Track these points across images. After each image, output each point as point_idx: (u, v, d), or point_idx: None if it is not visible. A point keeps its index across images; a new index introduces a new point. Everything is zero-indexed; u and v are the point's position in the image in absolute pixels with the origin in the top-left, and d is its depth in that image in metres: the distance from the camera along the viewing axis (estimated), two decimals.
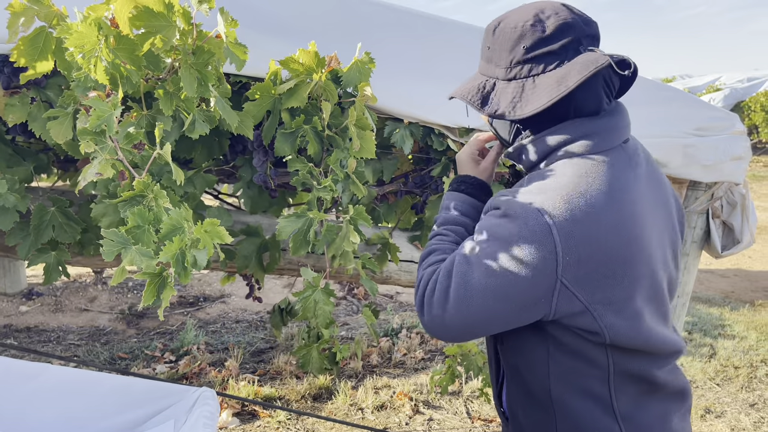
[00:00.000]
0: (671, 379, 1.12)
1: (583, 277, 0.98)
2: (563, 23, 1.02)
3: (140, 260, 0.97)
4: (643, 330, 1.04)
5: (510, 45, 1.05)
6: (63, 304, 4.56)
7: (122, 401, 1.24)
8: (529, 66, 1.04)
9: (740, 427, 3.21)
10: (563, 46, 1.02)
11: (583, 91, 1.03)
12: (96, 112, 0.99)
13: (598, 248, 0.97)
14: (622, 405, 1.07)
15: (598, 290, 0.99)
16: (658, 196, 1.12)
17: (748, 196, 2.08)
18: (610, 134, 1.05)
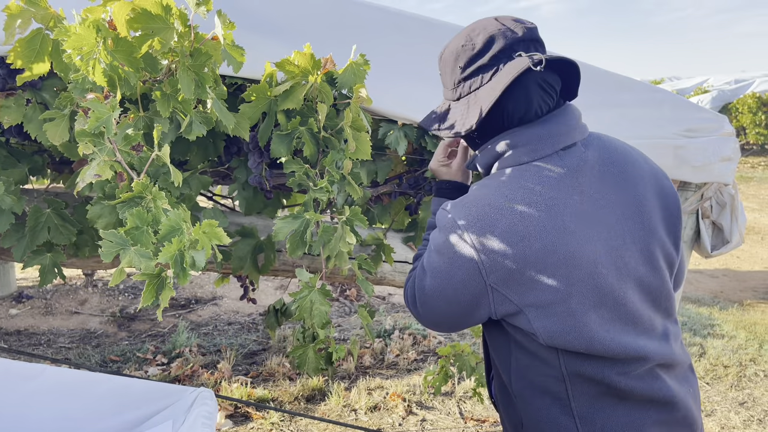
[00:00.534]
0: (639, 386, 1.09)
1: (509, 280, 1.04)
2: (489, 36, 1.08)
3: (139, 261, 0.98)
4: (585, 334, 1.05)
5: (450, 68, 1.14)
6: (53, 306, 4.53)
7: (120, 402, 1.24)
8: (468, 83, 1.12)
9: (730, 425, 3.25)
10: (493, 57, 1.08)
11: (511, 99, 1.08)
12: (95, 114, 0.99)
13: (513, 256, 1.03)
14: (579, 406, 1.09)
15: (527, 293, 1.04)
16: (616, 198, 1.11)
17: (737, 196, 2.11)
18: (542, 143, 1.09)
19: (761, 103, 14.13)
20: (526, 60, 1.04)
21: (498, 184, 1.09)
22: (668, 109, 1.95)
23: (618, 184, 1.13)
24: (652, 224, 1.14)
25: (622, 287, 1.08)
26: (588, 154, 1.12)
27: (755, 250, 7.10)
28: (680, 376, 1.16)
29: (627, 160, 1.17)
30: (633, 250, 1.11)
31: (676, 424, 1.13)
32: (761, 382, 3.75)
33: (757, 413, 3.37)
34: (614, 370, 1.08)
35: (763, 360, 4.06)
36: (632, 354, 1.08)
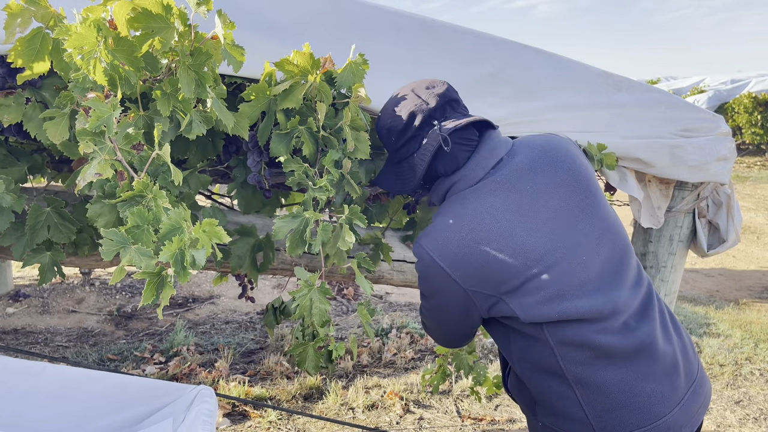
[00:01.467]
0: (619, 340, 1.23)
1: (480, 280, 1.24)
2: (410, 113, 1.32)
3: (139, 260, 0.98)
4: (555, 303, 1.22)
5: (386, 140, 1.40)
6: (50, 305, 4.53)
7: (120, 399, 1.24)
8: (403, 150, 1.36)
9: (726, 423, 3.26)
10: (417, 129, 1.32)
11: (440, 161, 1.33)
12: (95, 113, 0.99)
13: (476, 261, 1.22)
14: (572, 373, 1.24)
15: (499, 285, 1.23)
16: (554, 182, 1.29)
17: (733, 196, 2.13)
18: (473, 172, 1.31)
19: (757, 103, 14.17)
20: (437, 140, 1.29)
21: (448, 210, 1.30)
22: (665, 109, 1.97)
23: (552, 170, 1.30)
24: (594, 189, 1.33)
25: (581, 255, 1.25)
26: (516, 160, 1.31)
27: (751, 250, 7.12)
28: (661, 326, 1.30)
29: (552, 148, 1.34)
30: (584, 218, 1.28)
31: (666, 371, 1.26)
32: (757, 381, 3.77)
33: (752, 412, 3.39)
34: (592, 329, 1.22)
35: (758, 359, 4.08)
36: (604, 310, 1.23)
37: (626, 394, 1.23)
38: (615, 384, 1.23)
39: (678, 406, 1.25)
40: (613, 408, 1.23)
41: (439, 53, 1.77)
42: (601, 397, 1.23)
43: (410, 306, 4.97)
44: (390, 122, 1.36)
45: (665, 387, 1.25)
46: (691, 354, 1.34)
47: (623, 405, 1.22)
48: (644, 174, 2.04)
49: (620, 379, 1.23)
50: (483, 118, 1.35)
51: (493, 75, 1.79)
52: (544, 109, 1.84)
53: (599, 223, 1.30)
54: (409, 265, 2.05)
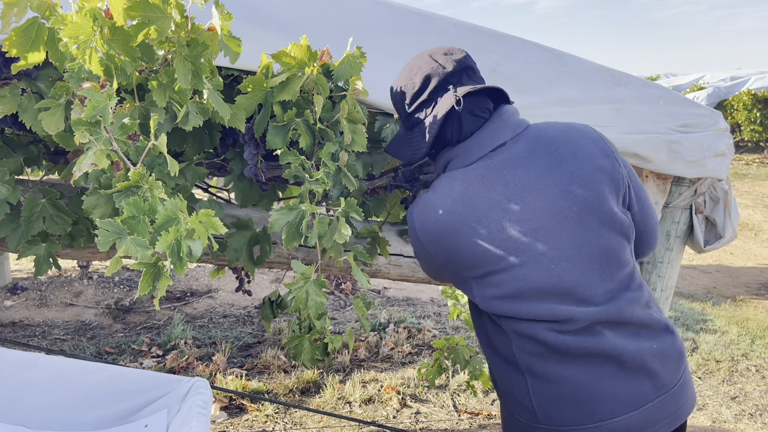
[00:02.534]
0: (576, 343, 1.20)
1: (450, 259, 1.27)
2: (426, 75, 1.30)
3: (135, 250, 0.98)
4: (512, 302, 1.22)
5: (400, 104, 1.37)
6: (48, 298, 4.52)
7: (116, 391, 1.24)
8: (416, 116, 1.33)
9: (721, 419, 3.27)
10: (431, 93, 1.30)
11: (447, 126, 1.31)
12: (91, 103, 0.99)
13: (450, 245, 1.25)
14: (525, 363, 1.25)
15: (467, 270, 1.26)
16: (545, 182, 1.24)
17: (731, 192, 2.12)
18: (470, 151, 1.29)
19: (756, 101, 14.16)
20: (451, 100, 1.26)
21: (436, 187, 1.31)
22: (663, 105, 1.96)
23: (547, 168, 1.25)
24: (593, 197, 1.24)
25: (549, 262, 1.21)
26: (515, 149, 1.27)
27: (748, 246, 7.13)
28: (636, 334, 1.24)
29: (561, 143, 1.28)
30: (564, 227, 1.22)
31: (627, 375, 1.21)
32: (753, 377, 3.78)
33: (748, 408, 3.40)
34: (545, 328, 1.21)
35: (754, 355, 4.09)
36: (559, 316, 1.20)
37: (575, 390, 1.20)
38: (565, 379, 1.21)
39: (636, 410, 1.20)
40: (559, 401, 1.21)
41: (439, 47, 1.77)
42: (549, 389, 1.22)
43: (408, 301, 4.97)
44: (404, 84, 1.34)
45: (620, 390, 1.20)
46: (670, 365, 1.27)
47: (569, 400, 1.20)
48: (642, 169, 2.03)
49: (571, 374, 1.21)
50: (499, 87, 1.32)
51: (493, 69, 1.78)
52: (544, 103, 1.84)
53: (584, 232, 1.22)
54: (405, 259, 2.05)
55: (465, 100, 1.27)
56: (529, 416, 1.26)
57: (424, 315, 4.63)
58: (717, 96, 15.22)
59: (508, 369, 1.29)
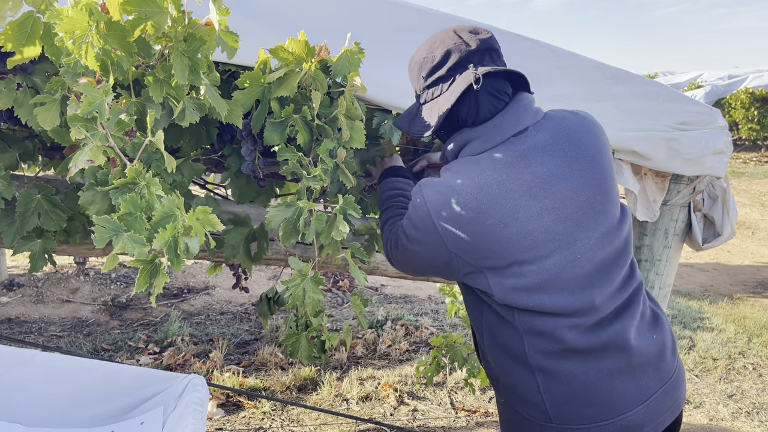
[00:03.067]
0: (591, 339, 1.21)
1: (467, 249, 1.21)
2: (447, 50, 1.25)
3: (132, 247, 0.97)
4: (535, 294, 1.20)
5: (416, 76, 1.33)
6: (44, 295, 4.51)
7: (111, 388, 1.24)
8: (431, 91, 1.30)
9: (718, 417, 3.28)
10: (450, 69, 1.25)
11: (463, 107, 1.26)
12: (87, 99, 0.98)
13: (469, 230, 1.19)
14: (536, 361, 1.23)
15: (484, 259, 1.21)
16: (571, 172, 1.23)
17: (729, 190, 2.12)
18: (492, 134, 1.25)
19: (754, 99, 14.17)
20: (470, 77, 1.21)
21: (458, 170, 1.24)
22: (662, 102, 1.96)
23: (572, 157, 1.24)
24: (612, 188, 1.28)
25: (575, 251, 1.21)
26: (539, 137, 1.25)
27: (746, 245, 7.15)
28: (639, 326, 1.27)
29: (582, 133, 1.28)
30: (590, 216, 1.23)
31: (634, 370, 1.23)
32: (749, 375, 3.79)
33: (745, 406, 3.41)
34: (564, 324, 1.21)
35: (751, 353, 4.10)
36: (581, 308, 1.20)
37: (587, 387, 1.21)
38: (577, 376, 1.21)
39: (642, 405, 1.23)
40: (572, 399, 1.21)
41: None
42: (561, 387, 1.22)
43: (405, 298, 4.97)
44: (424, 57, 1.29)
45: (629, 385, 1.23)
46: (668, 356, 1.30)
47: (582, 398, 1.21)
48: (640, 167, 2.03)
49: (583, 372, 1.21)
50: (521, 73, 1.27)
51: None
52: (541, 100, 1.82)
53: (604, 223, 1.24)
54: None
55: (484, 80, 1.22)
56: (540, 415, 1.24)
57: (422, 312, 4.63)
58: (715, 94, 15.24)
59: (516, 367, 1.26)
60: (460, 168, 1.24)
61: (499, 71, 1.24)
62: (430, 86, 1.29)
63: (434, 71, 1.27)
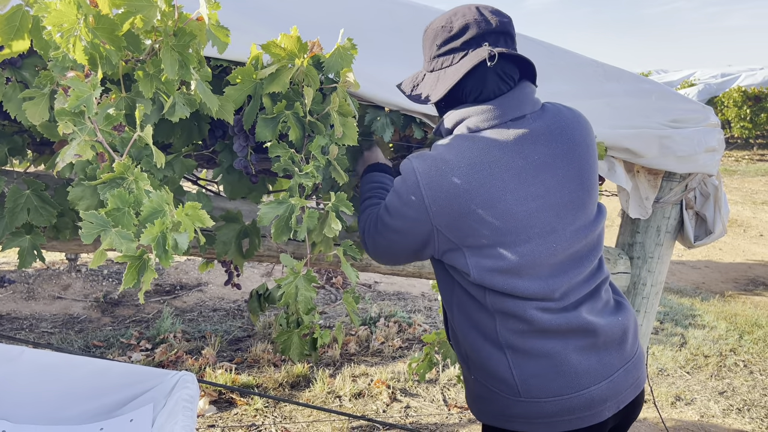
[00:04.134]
0: (558, 321, 1.27)
1: (452, 225, 1.23)
2: (466, 23, 1.26)
3: (120, 243, 0.96)
4: (509, 278, 1.24)
5: (429, 43, 1.32)
6: (36, 291, 4.49)
7: (101, 385, 1.23)
8: (441, 59, 1.30)
9: (709, 414, 3.30)
10: (465, 42, 1.26)
11: (470, 82, 1.28)
12: (75, 93, 0.97)
13: (457, 206, 1.21)
14: (506, 339, 1.28)
15: (467, 237, 1.24)
16: (560, 163, 1.28)
17: (721, 187, 2.13)
18: (491, 114, 1.26)
19: (746, 97, 14.24)
20: (484, 53, 1.22)
21: (452, 145, 1.26)
22: (655, 100, 1.96)
23: (564, 151, 1.28)
24: (593, 184, 1.33)
25: (552, 239, 1.26)
26: (536, 124, 1.28)
27: (737, 243, 7.18)
28: (603, 310, 1.35)
29: (575, 128, 1.32)
30: (570, 209, 1.29)
31: (597, 348, 1.31)
32: (741, 372, 3.81)
33: (736, 402, 3.43)
34: (533, 306, 1.26)
35: (743, 350, 4.12)
36: (550, 294, 1.26)
37: (554, 363, 1.27)
38: (545, 353, 1.27)
39: (606, 380, 1.29)
40: (539, 374, 1.27)
41: None
42: (530, 363, 1.27)
43: (399, 295, 4.97)
44: (441, 26, 1.29)
45: (594, 362, 1.29)
46: (630, 338, 1.38)
47: (550, 373, 1.27)
48: (633, 164, 2.03)
49: (550, 348, 1.27)
50: (532, 62, 1.30)
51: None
52: None
53: (582, 217, 1.30)
54: None
55: (497, 61, 1.24)
56: (509, 390, 1.29)
57: (415, 309, 4.63)
58: (707, 93, 15.30)
59: (486, 345, 1.30)
60: (454, 143, 1.26)
61: (512, 55, 1.26)
62: (441, 55, 1.30)
63: (449, 41, 1.28)
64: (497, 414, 1.33)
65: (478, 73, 1.27)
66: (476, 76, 1.27)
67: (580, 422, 1.28)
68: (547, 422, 1.28)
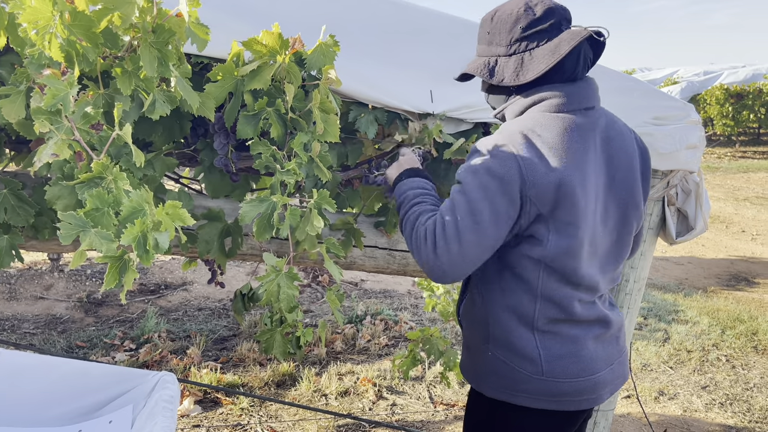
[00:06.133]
0: (587, 312, 1.38)
1: (540, 195, 1.24)
2: (549, 8, 1.31)
3: (100, 243, 0.95)
4: (576, 261, 1.31)
5: (509, 27, 1.33)
6: (18, 291, 4.43)
7: (79, 386, 1.21)
8: (525, 42, 1.32)
9: (692, 408, 3.33)
10: (550, 26, 1.30)
11: (567, 59, 1.30)
12: (51, 91, 0.96)
13: (552, 177, 1.23)
14: (540, 323, 1.36)
15: (554, 211, 1.26)
16: (614, 162, 1.36)
17: (702, 184, 2.15)
18: (572, 98, 1.31)
19: (729, 95, 14.40)
20: (586, 30, 1.27)
21: (538, 120, 1.29)
22: (637, 97, 1.97)
23: (617, 149, 1.36)
24: (635, 189, 1.40)
25: (604, 233, 1.36)
26: (602, 121, 1.35)
27: (720, 239, 7.26)
28: (608, 303, 1.49)
29: (623, 131, 1.41)
30: (616, 206, 1.38)
31: (606, 339, 1.44)
32: (723, 367, 3.86)
33: (718, 397, 3.47)
34: (577, 298, 1.36)
35: (725, 345, 4.17)
36: (593, 285, 1.37)
37: (577, 348, 1.38)
38: (570, 338, 1.38)
39: (608, 368, 1.43)
40: (564, 356, 1.37)
41: (413, 37, 1.75)
42: (556, 346, 1.37)
43: (385, 293, 4.97)
44: (518, 10, 1.32)
45: (601, 351, 1.42)
46: (624, 332, 1.53)
47: (572, 356, 1.37)
48: None
49: (575, 335, 1.38)
50: (600, 53, 1.37)
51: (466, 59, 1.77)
52: None
53: (625, 218, 1.40)
54: (381, 251, 2.04)
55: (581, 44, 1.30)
56: (532, 369, 1.36)
57: (401, 307, 4.63)
58: (690, 90, 15.46)
59: (519, 327, 1.37)
60: (541, 119, 1.29)
61: (598, 41, 1.33)
62: (526, 38, 1.31)
63: (535, 24, 1.30)
64: (508, 388, 1.40)
65: (573, 54, 1.31)
66: (571, 56, 1.31)
67: (585, 404, 1.40)
68: (558, 401, 1.38)
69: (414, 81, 1.75)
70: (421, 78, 1.75)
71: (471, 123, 1.85)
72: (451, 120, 1.82)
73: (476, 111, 1.78)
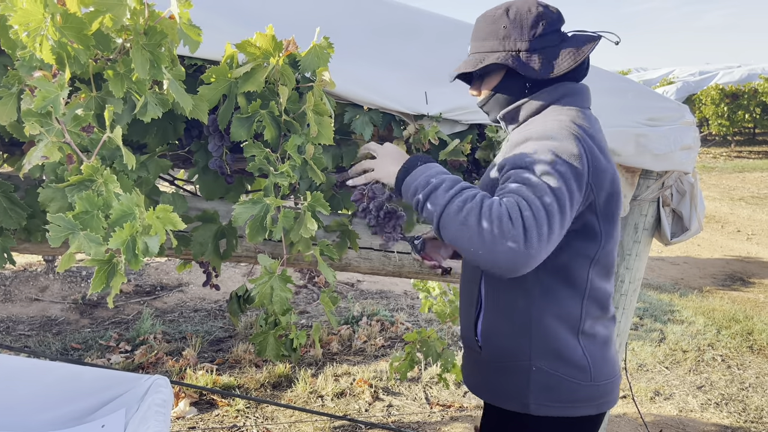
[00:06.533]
0: (612, 308, 1.42)
1: (598, 184, 1.25)
2: (558, 10, 1.36)
3: (88, 246, 0.94)
4: (614, 253, 1.36)
5: (529, 24, 1.33)
6: (12, 293, 4.41)
7: (72, 390, 1.21)
8: (548, 38, 1.34)
9: (688, 408, 3.34)
10: (562, 26, 1.36)
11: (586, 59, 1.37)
12: (41, 93, 0.95)
13: (602, 161, 1.26)
14: (585, 326, 1.35)
15: (605, 201, 1.28)
16: None
17: (697, 185, 2.15)
18: (584, 96, 1.38)
19: (724, 95, 14.44)
20: (596, 35, 1.35)
21: (572, 114, 1.31)
22: (631, 98, 1.97)
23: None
24: None
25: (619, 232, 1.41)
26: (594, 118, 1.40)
27: (715, 239, 7.28)
28: None
29: None
30: None
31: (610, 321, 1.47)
32: (718, 367, 3.86)
33: (714, 397, 3.47)
34: (611, 293, 1.41)
35: (720, 345, 4.18)
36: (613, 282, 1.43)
37: (608, 347, 1.40)
38: (603, 338, 1.39)
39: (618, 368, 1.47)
40: (603, 358, 1.38)
41: (405, 38, 1.75)
42: (596, 348, 1.37)
43: (381, 294, 4.97)
44: (539, 8, 1.34)
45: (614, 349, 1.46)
46: None
47: (608, 357, 1.40)
48: None
49: (606, 334, 1.40)
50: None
51: (459, 59, 1.77)
52: None
53: None
54: (376, 252, 2.03)
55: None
56: (582, 376, 1.34)
57: (398, 308, 4.63)
58: (686, 90, 15.49)
59: (565, 332, 1.34)
60: (575, 114, 1.32)
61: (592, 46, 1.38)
62: (547, 35, 1.34)
63: (555, 23, 1.35)
64: (564, 401, 1.34)
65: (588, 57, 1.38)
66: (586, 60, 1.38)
67: (614, 402, 1.42)
68: (598, 404, 1.36)
69: (408, 82, 1.75)
70: (416, 79, 1.75)
71: (466, 124, 1.85)
72: (446, 121, 1.82)
73: (471, 112, 1.78)
